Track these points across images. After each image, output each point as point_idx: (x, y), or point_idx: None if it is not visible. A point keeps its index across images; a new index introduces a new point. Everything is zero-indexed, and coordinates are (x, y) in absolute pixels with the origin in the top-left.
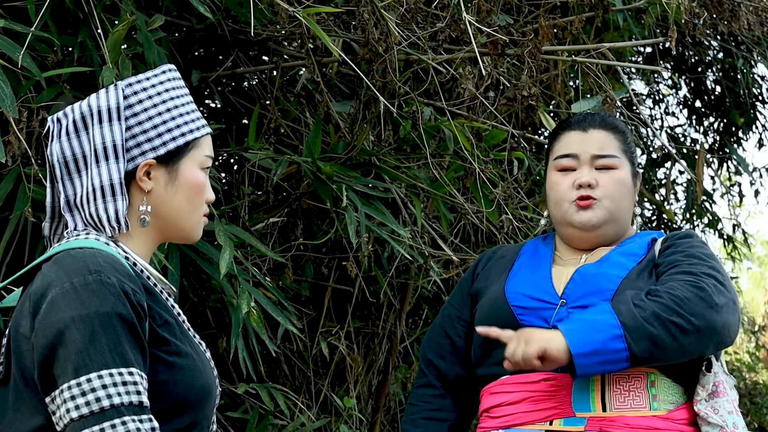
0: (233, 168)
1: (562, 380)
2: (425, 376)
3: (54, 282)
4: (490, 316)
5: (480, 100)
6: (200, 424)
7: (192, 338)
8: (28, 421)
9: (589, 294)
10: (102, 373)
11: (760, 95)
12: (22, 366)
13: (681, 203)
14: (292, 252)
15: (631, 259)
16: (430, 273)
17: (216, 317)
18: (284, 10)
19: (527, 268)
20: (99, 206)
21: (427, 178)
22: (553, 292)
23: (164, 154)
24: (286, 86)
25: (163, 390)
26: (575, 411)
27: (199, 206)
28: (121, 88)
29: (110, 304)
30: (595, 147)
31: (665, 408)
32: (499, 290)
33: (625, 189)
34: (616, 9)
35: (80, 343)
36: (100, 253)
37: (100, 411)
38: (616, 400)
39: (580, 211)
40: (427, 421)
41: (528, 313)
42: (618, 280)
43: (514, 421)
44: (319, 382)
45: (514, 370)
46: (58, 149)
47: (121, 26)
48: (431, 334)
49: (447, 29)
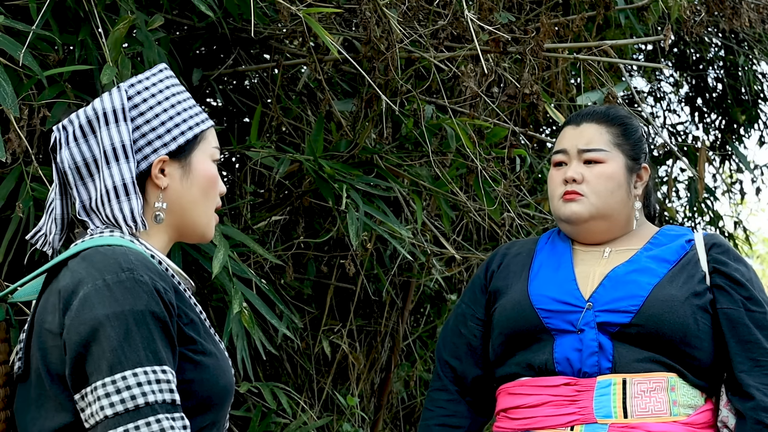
0: (235, 166)
1: (584, 385)
2: (440, 380)
3: (85, 279)
4: (513, 318)
5: (482, 97)
6: (219, 422)
7: (214, 337)
8: (54, 418)
9: (617, 299)
10: (137, 371)
11: (761, 93)
12: (48, 362)
13: (683, 200)
14: (293, 250)
15: (662, 265)
16: (433, 271)
17: (218, 316)
18: (286, 9)
19: (548, 267)
20: (114, 207)
21: (429, 176)
22: (579, 295)
23: (176, 149)
24: (287, 84)
25: (189, 389)
26: (597, 417)
27: (214, 199)
28: (123, 89)
29: (144, 302)
30: (583, 141)
31: (685, 413)
32: (521, 291)
33: (614, 183)
34: (619, 8)
35: (115, 340)
36: (130, 251)
37: (134, 409)
38: (637, 407)
39: (565, 204)
40: (441, 427)
41: (553, 316)
42: (649, 288)
43: (534, 424)
44: (321, 380)
45: (537, 372)
46: (68, 156)
47: (121, 25)
48: (445, 334)
49: (449, 27)
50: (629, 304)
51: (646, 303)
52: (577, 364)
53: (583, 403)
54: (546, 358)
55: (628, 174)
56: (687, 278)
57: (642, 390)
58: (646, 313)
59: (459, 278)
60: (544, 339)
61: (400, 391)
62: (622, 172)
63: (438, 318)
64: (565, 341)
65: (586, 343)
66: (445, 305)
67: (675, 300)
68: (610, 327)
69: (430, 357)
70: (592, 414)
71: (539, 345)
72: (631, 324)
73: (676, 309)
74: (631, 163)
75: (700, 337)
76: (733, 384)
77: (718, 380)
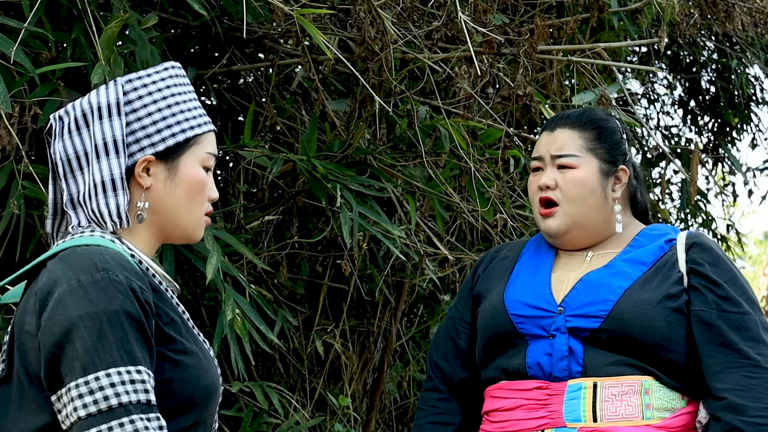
0: (228, 166)
1: (554, 389)
2: (431, 380)
3: (61, 279)
4: (489, 323)
5: (476, 99)
6: (204, 423)
7: (197, 337)
8: (33, 420)
9: (588, 304)
10: (110, 371)
11: (753, 95)
12: (27, 364)
13: (675, 202)
14: (287, 250)
15: (637, 268)
16: (426, 271)
17: (210, 316)
18: (280, 9)
19: (527, 272)
20: (100, 201)
21: (423, 177)
22: (551, 300)
23: (163, 150)
24: (281, 84)
25: (169, 389)
26: (566, 421)
27: (200, 204)
28: (120, 84)
29: (118, 301)
30: (556, 147)
31: (659, 416)
32: (498, 296)
33: (587, 189)
34: (613, 10)
35: (88, 341)
36: (107, 251)
37: (108, 409)
38: (607, 411)
39: (543, 220)
40: (434, 425)
41: (526, 321)
42: (620, 291)
43: (509, 428)
44: (313, 380)
45: (510, 376)
46: (60, 147)
47: (114, 23)
48: (437, 337)
49: (443, 28)
50: (599, 309)
51: (616, 308)
52: (548, 368)
53: (554, 407)
54: (519, 363)
55: (602, 178)
56: (661, 280)
57: (613, 394)
58: (615, 318)
59: (452, 279)
60: (518, 344)
61: (392, 392)
62: (596, 177)
63: (431, 318)
64: (537, 346)
65: (557, 347)
66: (438, 306)
67: (646, 304)
68: (581, 332)
69: (423, 357)
70: (561, 418)
71: (514, 350)
72: (601, 329)
73: (647, 313)
74: (606, 167)
75: (674, 340)
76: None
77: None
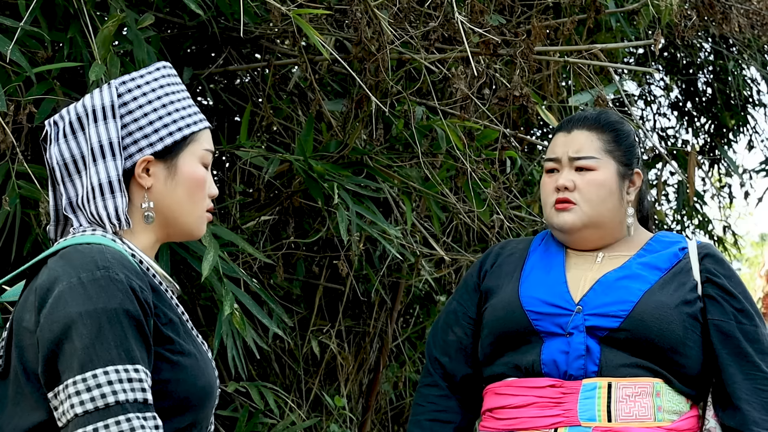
0: (225, 166)
1: (569, 388)
2: (431, 376)
3: (61, 276)
4: (502, 318)
5: (472, 99)
6: (200, 424)
7: (195, 338)
8: (29, 416)
9: (607, 304)
10: (108, 369)
11: (750, 97)
12: (24, 360)
13: (672, 204)
14: (283, 250)
15: (653, 272)
16: (422, 272)
17: (206, 315)
18: (276, 9)
19: (540, 269)
20: (99, 204)
21: (419, 178)
22: (569, 298)
23: (162, 149)
24: (278, 84)
25: (165, 389)
26: (581, 420)
27: (201, 201)
28: (114, 86)
29: (118, 300)
30: (574, 148)
31: (669, 419)
32: (512, 292)
33: (605, 191)
34: (610, 12)
35: (86, 338)
36: (107, 249)
37: (104, 407)
38: (621, 411)
39: (558, 214)
40: (432, 422)
41: (543, 318)
42: (640, 293)
43: (519, 425)
44: (309, 380)
45: (522, 373)
46: (56, 152)
47: (110, 23)
48: (435, 331)
49: (440, 29)
50: (619, 309)
51: (636, 308)
52: (564, 366)
53: (568, 405)
54: (533, 360)
55: (620, 180)
56: (678, 286)
57: (627, 394)
58: (635, 319)
59: (448, 279)
60: (532, 341)
61: (388, 392)
62: (614, 179)
63: (427, 319)
64: (553, 344)
65: (574, 346)
66: (434, 306)
67: (665, 307)
68: (599, 331)
69: (419, 358)
70: (576, 417)
71: (528, 347)
72: (620, 329)
73: (665, 316)
74: (623, 169)
75: (689, 345)
76: (722, 396)
77: (705, 388)
